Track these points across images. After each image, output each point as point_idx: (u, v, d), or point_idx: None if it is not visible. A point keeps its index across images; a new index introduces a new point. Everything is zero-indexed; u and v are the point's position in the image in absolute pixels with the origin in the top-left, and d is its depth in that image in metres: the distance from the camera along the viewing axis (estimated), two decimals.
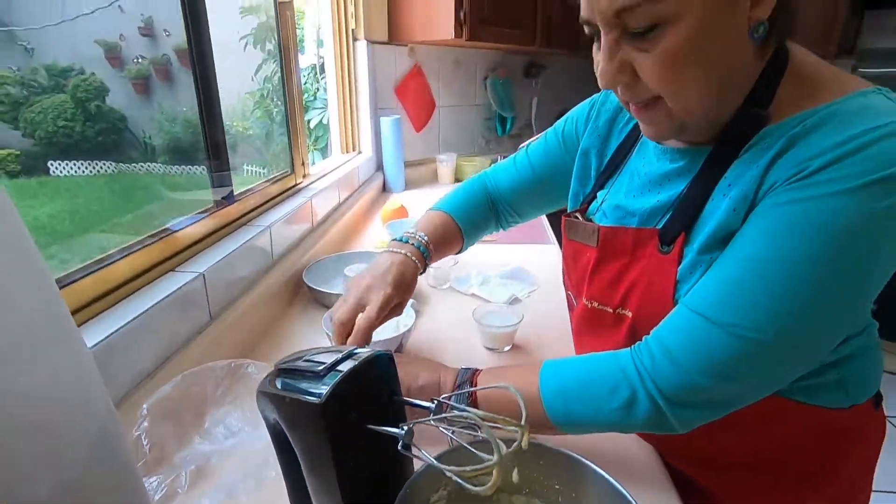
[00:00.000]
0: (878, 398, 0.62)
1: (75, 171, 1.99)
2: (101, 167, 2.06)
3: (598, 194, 0.67)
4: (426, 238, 0.75)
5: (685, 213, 0.52)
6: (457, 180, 2.25)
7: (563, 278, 0.74)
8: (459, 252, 0.85)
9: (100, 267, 0.65)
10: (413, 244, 0.73)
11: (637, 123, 0.59)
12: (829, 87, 0.46)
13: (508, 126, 2.58)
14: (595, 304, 0.61)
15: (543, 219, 1.66)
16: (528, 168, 0.81)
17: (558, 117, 0.79)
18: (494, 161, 2.48)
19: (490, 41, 1.91)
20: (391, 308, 0.66)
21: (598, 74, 0.49)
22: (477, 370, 0.59)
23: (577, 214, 0.68)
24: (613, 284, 0.58)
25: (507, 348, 0.87)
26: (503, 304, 0.98)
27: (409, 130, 2.12)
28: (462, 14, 1.73)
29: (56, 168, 1.98)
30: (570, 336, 0.73)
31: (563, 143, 0.76)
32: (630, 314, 0.57)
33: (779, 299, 0.43)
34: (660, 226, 0.54)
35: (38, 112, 1.92)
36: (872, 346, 0.59)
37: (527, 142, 0.86)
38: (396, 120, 1.91)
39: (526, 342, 0.89)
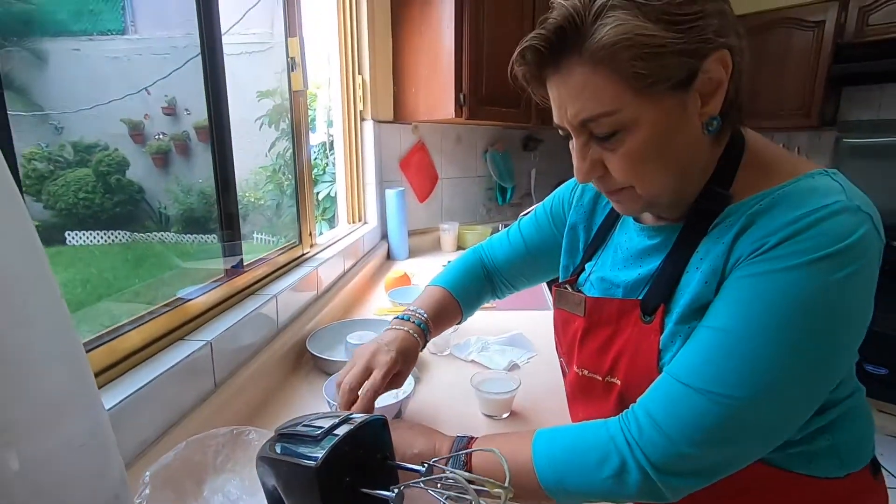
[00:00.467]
0: (875, 465, 0.62)
1: (91, 241, 2.07)
2: (117, 237, 2.15)
3: (587, 266, 0.71)
4: (426, 315, 0.78)
5: (663, 285, 0.56)
6: (459, 248, 2.32)
7: (556, 345, 0.76)
8: (459, 323, 0.89)
9: (112, 337, 0.69)
10: (414, 321, 0.76)
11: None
12: (782, 169, 0.51)
13: (509, 195, 2.69)
14: (586, 372, 0.63)
15: (543, 286, 1.70)
16: (520, 242, 0.86)
17: (556, 186, 0.85)
18: (496, 229, 2.55)
19: (488, 119, 2.05)
20: (394, 376, 0.68)
21: (574, 171, 0.55)
22: (472, 438, 0.60)
23: (567, 285, 0.71)
24: (601, 353, 0.61)
25: (505, 415, 0.88)
26: (502, 370, 0.99)
27: (413, 201, 2.22)
28: (462, 95, 1.87)
29: (73, 238, 2.07)
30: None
31: (552, 218, 0.82)
32: (619, 382, 0.59)
33: (751, 363, 0.46)
34: (642, 297, 0.58)
35: (61, 185, 2.03)
36: (861, 410, 0.60)
37: (523, 213, 0.93)
38: (401, 192, 2.01)
39: (524, 409, 0.89)
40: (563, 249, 0.77)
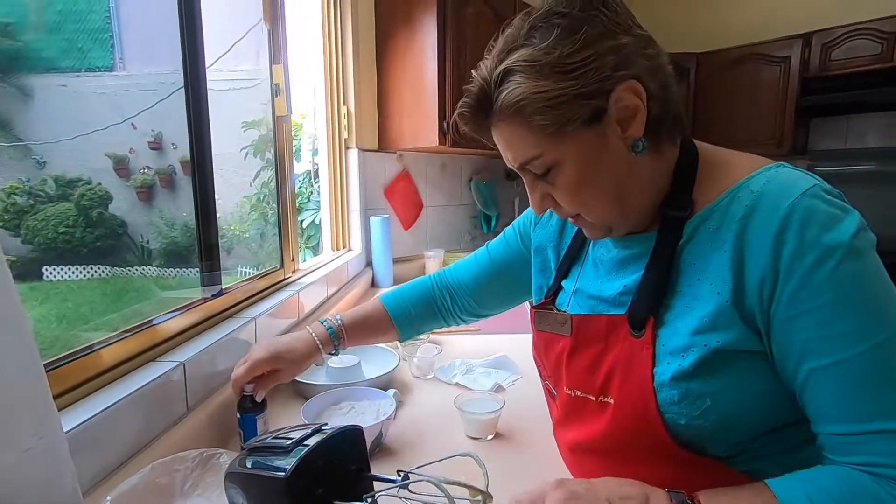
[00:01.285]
0: None
1: (69, 276, 2.02)
2: (96, 271, 2.10)
3: (564, 284, 0.70)
4: (340, 321, 0.86)
5: (649, 297, 0.54)
6: None
7: (538, 369, 0.73)
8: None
9: (79, 356, 0.66)
10: (325, 325, 0.84)
11: None
12: (739, 165, 0.54)
13: (493, 223, 2.71)
14: (578, 393, 0.60)
15: (527, 307, 1.69)
16: (486, 259, 0.87)
17: None
18: None
19: (472, 148, 2.08)
20: (271, 373, 0.78)
21: (531, 204, 0.60)
22: (694, 495, 0.49)
23: (549, 306, 0.69)
24: (592, 371, 0.59)
25: (490, 437, 0.85)
26: (486, 391, 0.97)
27: (398, 228, 2.22)
28: (446, 123, 1.91)
29: (50, 273, 2.02)
30: None
31: (520, 236, 0.82)
32: (612, 401, 0.56)
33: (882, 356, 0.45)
34: (627, 311, 0.56)
35: (40, 220, 2.00)
36: None
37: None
38: (385, 219, 2.01)
39: (510, 432, 0.87)
40: (534, 270, 0.77)
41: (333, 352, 0.85)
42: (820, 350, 0.46)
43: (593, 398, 0.59)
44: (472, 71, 0.55)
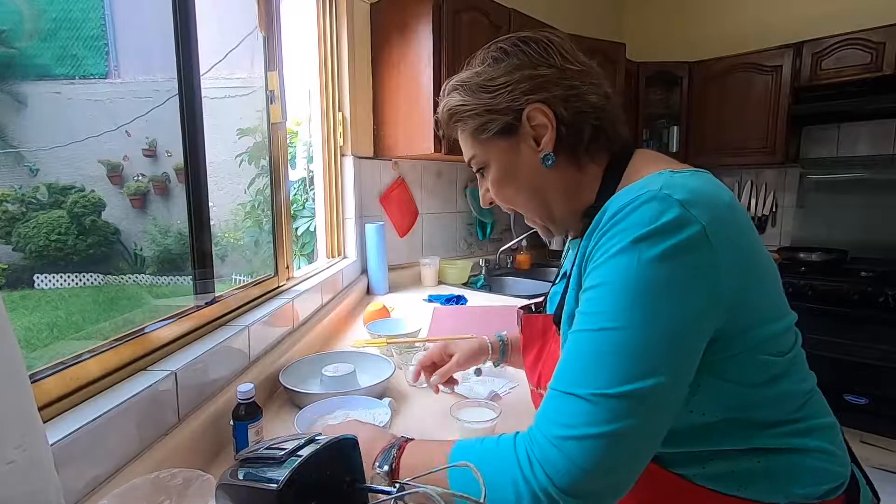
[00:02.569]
0: (851, 499, 0.58)
1: (61, 284, 2.00)
2: (88, 279, 2.08)
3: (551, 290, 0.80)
4: (506, 336, 1.02)
5: (563, 297, 0.63)
6: (440, 282, 2.30)
7: None
8: None
9: (66, 366, 0.65)
10: (498, 337, 1.01)
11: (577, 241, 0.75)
12: (638, 176, 0.58)
13: (489, 230, 2.71)
14: (531, 387, 0.71)
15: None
16: None
17: None
18: (477, 264, 2.56)
19: None
20: (437, 362, 0.98)
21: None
22: (406, 440, 0.63)
23: (531, 307, 0.81)
24: (534, 365, 0.69)
25: None
26: (482, 399, 0.96)
27: (393, 235, 2.21)
28: (441, 131, 1.91)
29: (41, 281, 1.99)
30: None
31: None
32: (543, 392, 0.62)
33: (605, 355, 0.48)
34: (553, 311, 0.66)
35: (32, 227, 1.98)
36: (811, 446, 0.56)
37: (502, 248, 1.03)
38: (380, 226, 2.01)
39: None
40: None
41: (496, 361, 1.00)
42: (577, 321, 0.52)
43: (536, 390, 0.69)
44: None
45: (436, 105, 0.72)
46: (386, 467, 0.56)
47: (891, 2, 2.60)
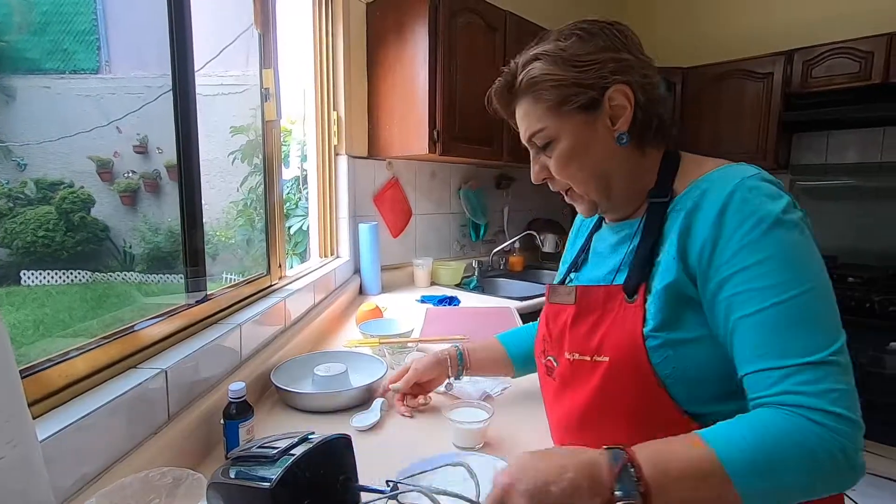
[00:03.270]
0: None
1: (48, 281, 1.97)
2: (76, 276, 2.05)
3: (572, 275, 0.82)
4: (461, 346, 1.00)
5: (639, 268, 0.65)
6: (433, 283, 2.30)
7: (538, 349, 0.80)
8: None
9: (53, 363, 0.64)
10: (455, 348, 1.00)
11: (593, 221, 0.82)
12: (710, 164, 0.66)
13: (482, 232, 2.71)
14: (576, 356, 0.69)
15: (515, 316, 1.69)
16: None
17: (530, 223, 0.92)
18: (470, 265, 2.56)
19: (462, 156, 2.09)
20: (418, 382, 0.97)
21: (531, 174, 0.73)
22: (626, 447, 0.52)
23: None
24: (590, 335, 0.68)
25: (478, 447, 0.84)
26: (474, 400, 0.96)
27: (386, 236, 2.21)
28: (435, 132, 1.91)
29: (28, 278, 1.96)
30: (545, 433, 0.78)
31: None
32: (607, 359, 0.65)
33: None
34: (621, 281, 0.67)
35: (19, 223, 1.95)
36: None
37: (495, 250, 1.01)
38: (374, 226, 2.00)
39: (499, 441, 0.86)
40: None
41: (457, 373, 0.98)
42: (748, 301, 0.54)
43: (588, 359, 0.67)
44: (503, 67, 0.70)
45: (431, 105, 0.72)
46: (635, 492, 0.47)
47: (881, 12, 2.65)
